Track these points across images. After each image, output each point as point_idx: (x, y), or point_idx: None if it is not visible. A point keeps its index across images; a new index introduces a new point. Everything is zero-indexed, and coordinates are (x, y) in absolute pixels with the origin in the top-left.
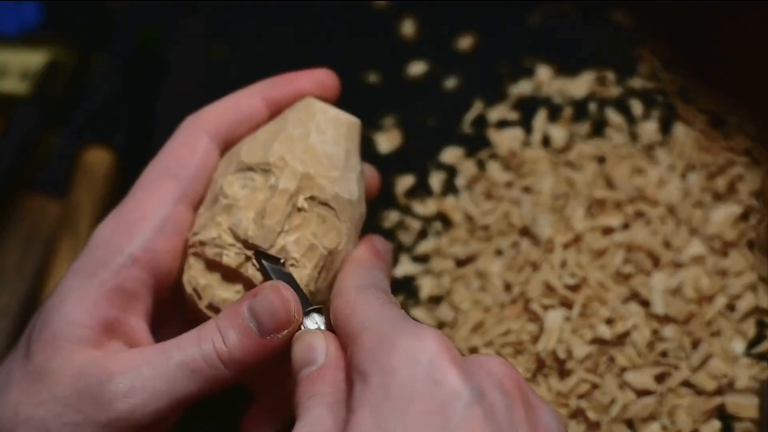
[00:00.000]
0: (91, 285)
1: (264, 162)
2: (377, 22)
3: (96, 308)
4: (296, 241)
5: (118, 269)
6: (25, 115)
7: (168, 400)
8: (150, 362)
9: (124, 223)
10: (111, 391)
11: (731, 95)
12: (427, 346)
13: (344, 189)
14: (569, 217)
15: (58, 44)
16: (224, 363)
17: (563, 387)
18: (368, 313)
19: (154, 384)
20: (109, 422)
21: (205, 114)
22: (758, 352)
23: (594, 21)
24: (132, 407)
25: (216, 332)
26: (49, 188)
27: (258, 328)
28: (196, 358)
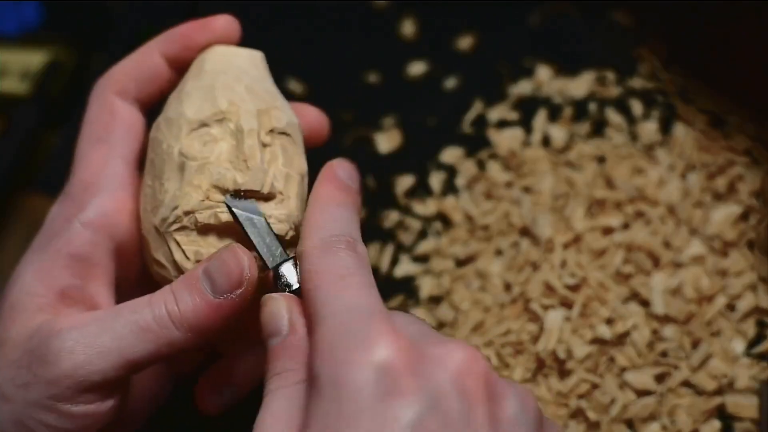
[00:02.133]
0: (46, 255)
1: (216, 112)
2: (377, 22)
3: (51, 277)
4: (275, 175)
5: (70, 237)
6: (25, 115)
7: (115, 359)
8: (98, 320)
9: (70, 196)
10: (56, 346)
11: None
12: (380, 352)
13: (291, 115)
14: (569, 217)
15: (58, 44)
16: (175, 323)
17: (563, 387)
18: (327, 296)
19: (102, 341)
20: (55, 379)
21: (111, 77)
22: (758, 352)
23: (594, 21)
24: (77, 364)
25: (169, 294)
26: (49, 188)
27: (211, 288)
28: (146, 317)
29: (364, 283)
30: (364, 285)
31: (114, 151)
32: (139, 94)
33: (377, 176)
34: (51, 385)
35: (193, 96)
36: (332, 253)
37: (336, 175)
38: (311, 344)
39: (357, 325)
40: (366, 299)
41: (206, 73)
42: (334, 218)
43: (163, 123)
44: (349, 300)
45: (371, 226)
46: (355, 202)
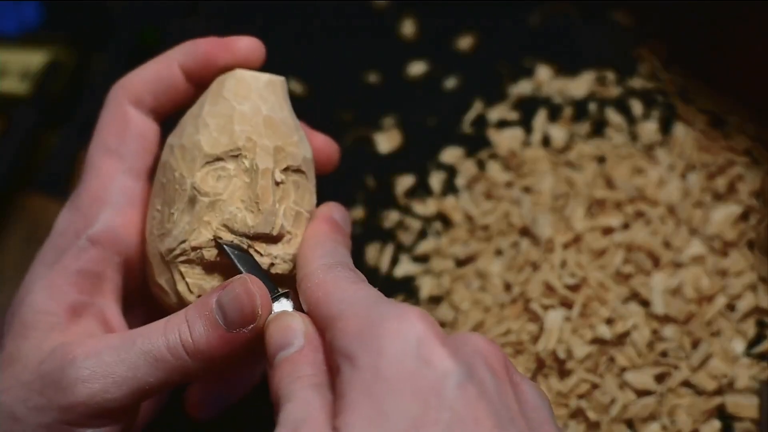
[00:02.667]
0: (55, 272)
1: (233, 148)
2: (377, 22)
3: (61, 294)
4: (284, 214)
5: (78, 253)
6: (25, 115)
7: (130, 388)
8: (113, 348)
9: (78, 208)
10: (72, 375)
11: (731, 95)
12: (414, 325)
13: (306, 149)
14: (569, 217)
15: (58, 44)
16: (189, 354)
17: (563, 387)
18: (343, 295)
19: (116, 370)
20: (70, 406)
21: (127, 84)
22: (758, 352)
23: (594, 21)
24: (92, 392)
25: (184, 323)
26: (49, 188)
27: (224, 321)
28: (160, 347)
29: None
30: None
31: (125, 164)
32: (155, 104)
33: (377, 176)
34: (65, 411)
35: (210, 126)
36: (335, 270)
37: (332, 217)
38: (333, 338)
39: (382, 305)
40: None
41: (224, 99)
42: (331, 251)
43: (178, 150)
44: (364, 293)
45: (371, 226)
46: (348, 244)
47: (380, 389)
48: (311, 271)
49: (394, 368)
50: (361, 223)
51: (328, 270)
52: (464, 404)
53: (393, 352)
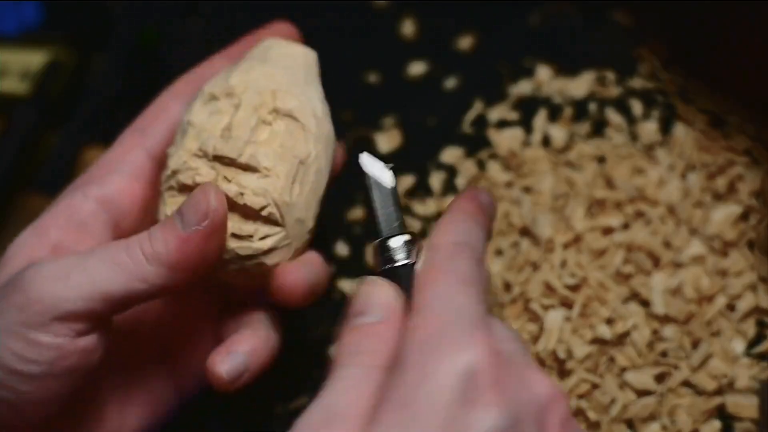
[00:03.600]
0: (47, 215)
1: (226, 87)
2: (377, 22)
3: (46, 233)
4: (265, 152)
5: (72, 202)
6: (24, 115)
7: (87, 290)
8: (75, 256)
9: (88, 172)
10: (30, 274)
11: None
12: (472, 356)
13: (306, 102)
14: (569, 217)
15: (58, 44)
16: (147, 258)
17: (563, 387)
18: (442, 291)
19: (74, 272)
20: (26, 303)
21: (179, 82)
22: (758, 352)
23: (594, 21)
24: (49, 291)
25: (144, 234)
26: (49, 188)
27: (181, 222)
28: (120, 252)
29: (478, 294)
30: (477, 296)
31: (146, 142)
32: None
33: None
34: (22, 310)
35: (220, 75)
36: (461, 258)
37: (479, 197)
38: (405, 331)
39: (458, 327)
40: (475, 308)
41: (247, 59)
42: (469, 229)
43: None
44: (460, 303)
45: (371, 227)
46: (490, 228)
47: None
48: (441, 243)
49: (432, 399)
50: (361, 223)
51: (454, 253)
52: None
53: (437, 381)
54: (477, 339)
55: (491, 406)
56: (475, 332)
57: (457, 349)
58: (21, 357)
